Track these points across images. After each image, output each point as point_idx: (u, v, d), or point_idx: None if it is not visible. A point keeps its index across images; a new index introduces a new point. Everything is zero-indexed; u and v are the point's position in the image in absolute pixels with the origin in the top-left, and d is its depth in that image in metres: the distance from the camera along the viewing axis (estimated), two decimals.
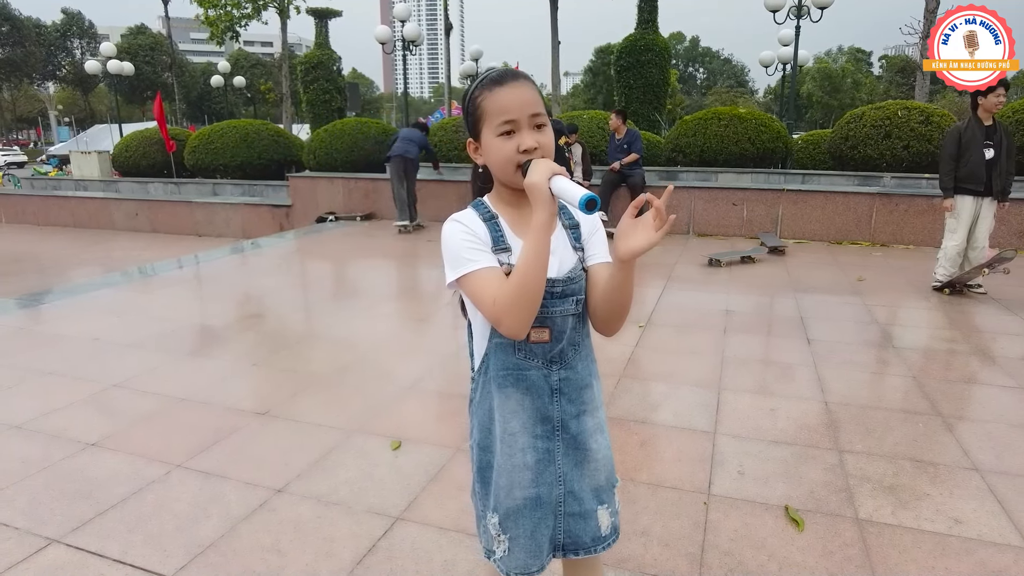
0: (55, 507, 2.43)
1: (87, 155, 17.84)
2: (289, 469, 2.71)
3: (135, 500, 2.48)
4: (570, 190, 1.08)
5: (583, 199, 1.04)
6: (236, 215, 11.82)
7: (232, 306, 5.62)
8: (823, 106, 57.40)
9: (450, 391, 3.65)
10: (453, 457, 2.80)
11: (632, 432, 3.05)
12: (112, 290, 6.05)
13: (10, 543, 2.22)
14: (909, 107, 10.23)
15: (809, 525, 2.32)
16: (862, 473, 2.67)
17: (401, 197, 8.98)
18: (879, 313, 5.12)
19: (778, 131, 11.47)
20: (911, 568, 2.09)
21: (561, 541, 1.34)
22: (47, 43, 55.99)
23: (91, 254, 10.11)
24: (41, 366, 3.96)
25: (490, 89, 1.20)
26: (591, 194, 1.05)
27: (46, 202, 13.34)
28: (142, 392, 3.55)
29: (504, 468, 1.28)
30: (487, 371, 1.29)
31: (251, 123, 15.45)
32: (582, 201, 1.04)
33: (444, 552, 2.16)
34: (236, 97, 45.86)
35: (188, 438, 2.99)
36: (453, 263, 1.21)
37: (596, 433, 1.33)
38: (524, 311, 1.14)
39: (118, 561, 2.12)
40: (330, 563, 2.11)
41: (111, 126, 25.95)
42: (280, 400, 3.46)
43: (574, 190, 1.07)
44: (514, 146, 1.18)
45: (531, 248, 1.12)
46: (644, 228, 1.11)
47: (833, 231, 8.37)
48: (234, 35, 26.32)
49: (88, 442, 2.95)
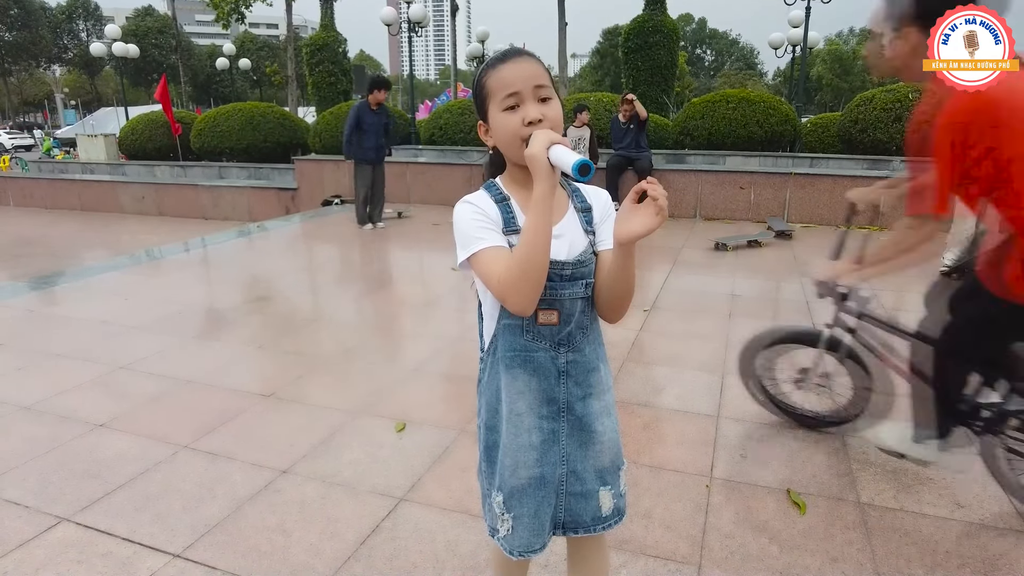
0: (64, 486, 2.47)
1: (94, 138, 17.84)
2: (294, 450, 2.73)
3: (143, 480, 2.51)
4: (564, 157, 1.07)
5: (575, 164, 1.03)
6: (242, 198, 11.83)
7: (238, 289, 5.64)
8: (833, 89, 56.75)
9: (454, 373, 3.66)
10: (457, 439, 2.82)
11: (635, 415, 3.06)
12: (119, 273, 6.08)
13: (20, 521, 2.25)
14: (920, 90, 10.08)
15: (811, 509, 2.32)
16: (865, 458, 2.68)
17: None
18: (885, 297, 5.09)
19: (787, 114, 11.35)
20: (912, 551, 2.10)
21: (561, 519, 1.36)
22: (53, 25, 55.89)
23: (98, 237, 10.16)
24: (50, 348, 4.00)
25: (494, 68, 1.21)
26: (583, 159, 1.04)
27: (54, 185, 13.37)
28: (149, 374, 3.58)
29: (510, 448, 1.29)
30: (495, 352, 1.30)
31: (257, 106, 15.41)
32: (575, 167, 1.03)
33: (447, 532, 2.18)
34: (242, 80, 45.76)
35: (195, 419, 3.02)
36: (464, 243, 1.21)
37: (602, 416, 1.34)
38: (529, 287, 1.14)
39: (126, 539, 2.15)
40: (334, 543, 2.14)
41: (117, 109, 25.91)
42: (286, 382, 3.48)
43: (568, 157, 1.06)
44: (519, 119, 1.18)
45: (532, 222, 1.12)
46: (644, 213, 1.10)
47: (841, 215, 8.29)
48: (240, 17, 26.20)
49: (96, 423, 2.99)
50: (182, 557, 2.07)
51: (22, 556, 2.07)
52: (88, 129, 23.20)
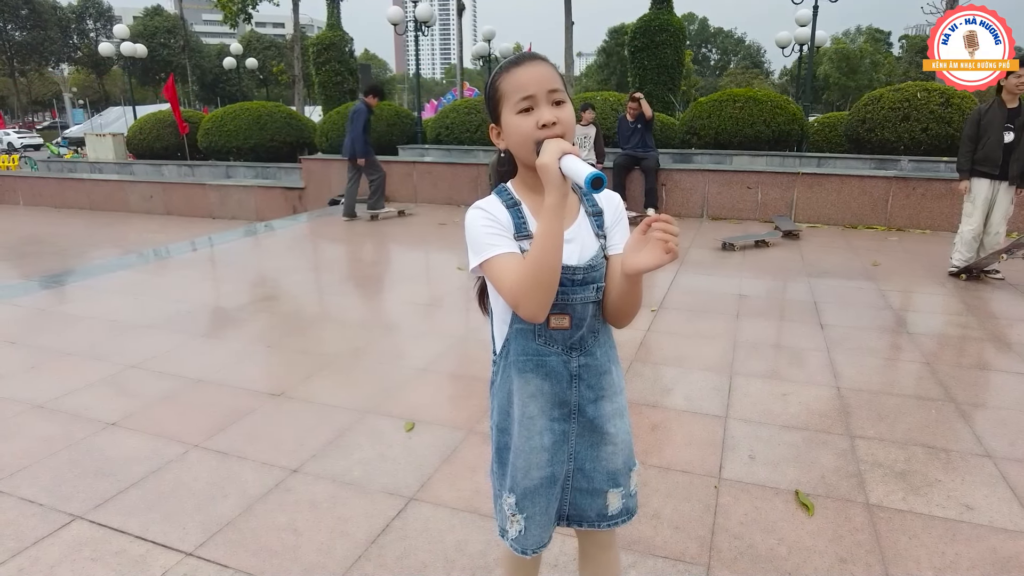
0: (78, 484, 2.49)
1: (102, 137, 17.92)
2: (304, 449, 2.75)
3: (154, 479, 2.53)
4: (577, 169, 1.07)
5: (588, 178, 1.03)
6: (249, 197, 11.87)
7: (246, 288, 5.67)
8: (840, 88, 56.47)
9: (463, 373, 3.67)
10: (466, 439, 2.83)
11: (643, 416, 3.06)
12: (128, 272, 6.12)
13: (35, 519, 2.28)
14: (929, 89, 10.05)
15: (819, 510, 2.33)
16: (873, 459, 2.67)
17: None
18: (893, 298, 5.08)
19: (794, 113, 11.32)
20: (921, 554, 2.10)
21: (566, 512, 1.38)
22: (63, 25, 56.18)
23: (107, 236, 10.21)
24: (61, 346, 4.03)
25: (508, 71, 1.21)
26: (597, 172, 1.04)
27: (62, 184, 13.44)
28: (159, 373, 3.60)
29: (522, 450, 1.31)
30: (508, 356, 1.31)
31: (264, 105, 15.45)
32: (588, 180, 1.03)
33: (456, 532, 2.20)
34: (249, 79, 45.84)
35: (205, 418, 3.04)
36: (476, 249, 1.22)
37: (615, 418, 1.34)
38: (540, 295, 1.15)
39: (139, 537, 2.17)
40: (344, 542, 2.15)
41: (125, 108, 26.04)
42: (295, 381, 3.50)
43: (581, 169, 1.06)
44: (533, 122, 1.18)
45: (543, 231, 1.12)
46: (654, 247, 1.10)
47: (848, 215, 8.28)
48: (247, 16, 26.29)
49: (108, 421, 3.01)
50: (194, 555, 2.08)
51: (37, 553, 2.10)
52: (96, 128, 23.31)
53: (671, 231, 1.07)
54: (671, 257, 1.08)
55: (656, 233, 1.08)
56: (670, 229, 1.07)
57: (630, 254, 1.14)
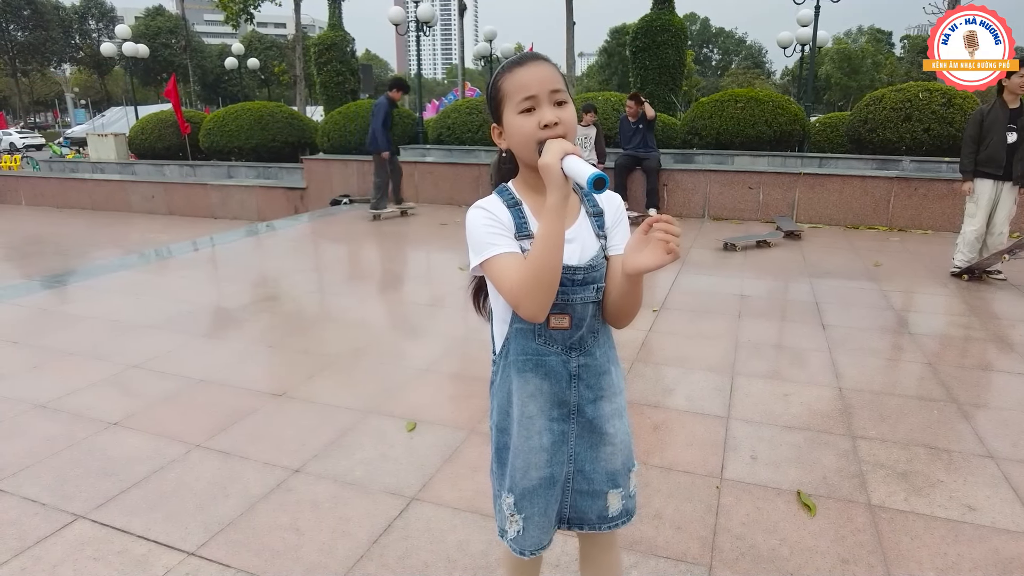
0: (80, 484, 2.49)
1: (104, 137, 17.94)
2: (306, 449, 2.75)
3: (156, 478, 2.54)
4: (579, 169, 1.07)
5: (591, 178, 1.03)
6: (251, 197, 11.88)
7: (248, 288, 5.67)
8: (842, 88, 56.44)
9: (465, 373, 3.68)
10: (467, 439, 2.83)
11: (645, 416, 3.06)
12: (130, 272, 6.13)
13: (38, 518, 2.28)
14: (931, 89, 10.03)
15: (821, 510, 2.32)
16: (875, 459, 2.67)
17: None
18: (895, 299, 5.07)
19: (795, 113, 11.30)
20: (923, 554, 2.09)
21: (567, 515, 1.38)
22: (66, 25, 56.28)
23: (109, 236, 10.22)
24: (63, 346, 4.04)
25: (510, 71, 1.21)
26: (599, 172, 1.04)
27: (64, 184, 13.46)
28: (161, 373, 3.61)
29: (521, 450, 1.31)
30: (507, 355, 1.31)
31: (265, 105, 15.45)
32: (590, 180, 1.03)
33: (458, 532, 2.20)
34: (250, 79, 45.88)
35: (207, 418, 3.05)
36: (476, 248, 1.22)
37: (614, 418, 1.34)
38: (541, 295, 1.15)
39: (141, 537, 2.18)
40: (346, 542, 2.16)
41: (127, 108, 26.07)
42: (296, 381, 3.50)
43: (583, 169, 1.06)
44: (535, 122, 1.18)
45: (544, 231, 1.12)
46: (655, 247, 1.10)
47: (850, 215, 8.28)
48: (248, 17, 26.33)
49: (110, 421, 3.02)
50: (196, 555, 2.09)
51: (40, 553, 2.10)
52: (98, 128, 23.34)
53: (672, 231, 1.07)
54: (672, 257, 1.08)
55: (657, 233, 1.08)
56: (671, 229, 1.07)
57: (631, 254, 1.14)
